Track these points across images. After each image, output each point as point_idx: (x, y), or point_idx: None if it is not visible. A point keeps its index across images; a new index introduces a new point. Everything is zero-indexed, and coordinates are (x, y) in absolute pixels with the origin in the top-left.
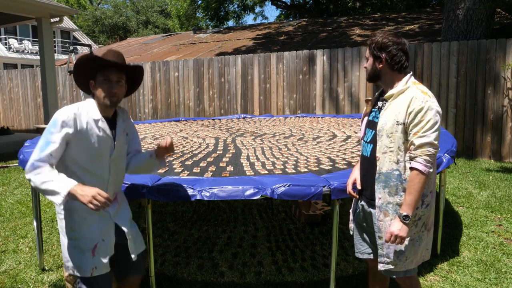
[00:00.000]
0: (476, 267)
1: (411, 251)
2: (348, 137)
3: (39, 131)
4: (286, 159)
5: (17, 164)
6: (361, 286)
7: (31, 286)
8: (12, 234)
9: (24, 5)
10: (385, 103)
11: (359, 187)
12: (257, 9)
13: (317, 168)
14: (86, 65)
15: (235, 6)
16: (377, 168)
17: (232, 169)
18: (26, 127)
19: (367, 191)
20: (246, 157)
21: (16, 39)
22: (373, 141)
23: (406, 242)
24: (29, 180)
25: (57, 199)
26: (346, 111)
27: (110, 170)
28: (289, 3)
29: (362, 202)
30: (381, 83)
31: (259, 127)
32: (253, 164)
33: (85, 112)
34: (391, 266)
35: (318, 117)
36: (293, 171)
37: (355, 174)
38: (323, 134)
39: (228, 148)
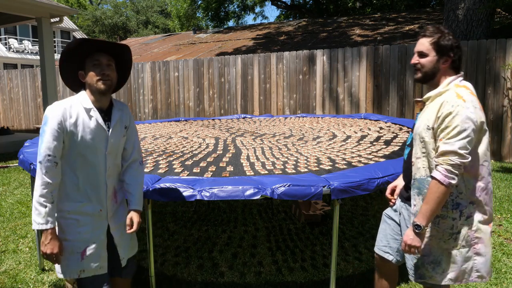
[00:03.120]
0: None
1: (448, 264)
2: (348, 137)
3: (39, 131)
4: (286, 159)
5: (17, 164)
6: (361, 286)
7: (31, 286)
8: (12, 234)
9: (24, 5)
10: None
11: (395, 197)
12: (257, 9)
13: (317, 168)
14: (73, 53)
15: (235, 6)
16: (412, 173)
17: (232, 169)
18: (26, 127)
19: (404, 192)
20: (246, 157)
21: (16, 39)
22: (411, 144)
23: (441, 253)
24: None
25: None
26: (346, 111)
27: (106, 163)
28: (289, 3)
29: (399, 202)
30: (430, 83)
31: (259, 127)
32: (253, 164)
33: (77, 103)
34: (426, 278)
35: (318, 117)
36: (293, 171)
37: (398, 181)
38: (323, 134)
39: (228, 148)
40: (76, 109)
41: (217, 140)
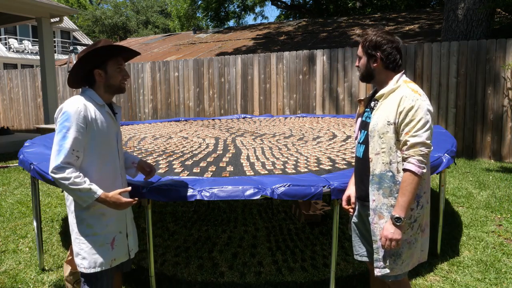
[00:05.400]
0: (476, 267)
1: (407, 254)
2: (348, 137)
3: (39, 131)
4: (286, 159)
5: (17, 164)
6: (361, 286)
7: (31, 286)
8: (12, 234)
9: (24, 5)
10: (376, 103)
11: (353, 205)
12: (257, 9)
13: (317, 168)
14: (97, 53)
15: (235, 6)
16: (371, 169)
17: (232, 169)
18: (26, 127)
19: (361, 194)
20: (246, 157)
21: (16, 39)
22: (365, 142)
23: (402, 245)
24: (58, 179)
25: (90, 199)
26: (346, 111)
27: (119, 155)
28: (289, 3)
29: (358, 205)
30: (374, 82)
31: (259, 127)
32: (253, 164)
33: (89, 100)
34: (387, 270)
35: (318, 117)
36: (293, 171)
37: (350, 190)
38: (323, 134)
39: (228, 148)
40: (91, 105)
41: (217, 140)
